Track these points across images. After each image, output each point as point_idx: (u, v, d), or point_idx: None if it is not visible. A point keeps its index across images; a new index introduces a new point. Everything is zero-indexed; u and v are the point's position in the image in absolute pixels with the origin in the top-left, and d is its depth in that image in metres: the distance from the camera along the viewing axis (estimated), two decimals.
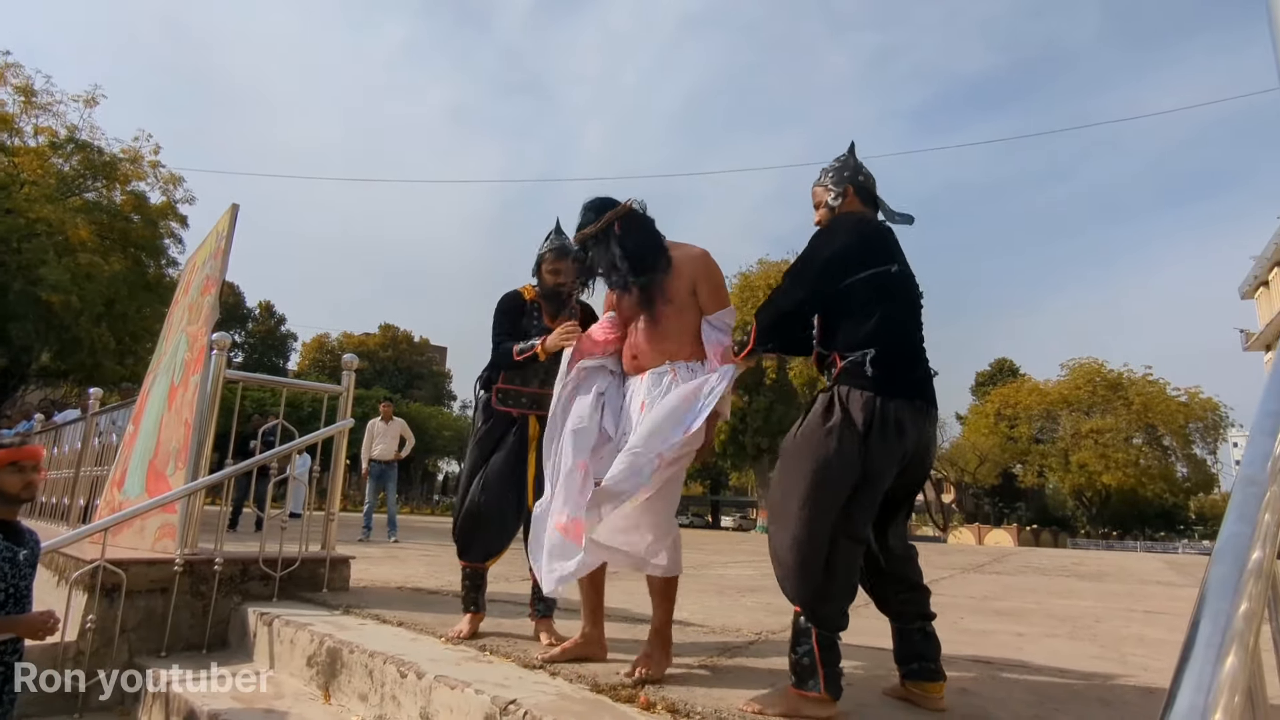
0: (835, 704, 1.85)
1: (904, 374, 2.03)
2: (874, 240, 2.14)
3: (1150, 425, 44.99)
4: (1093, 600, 5.83)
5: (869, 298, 2.05)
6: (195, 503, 3.59)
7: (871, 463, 1.93)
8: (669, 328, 2.49)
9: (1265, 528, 0.93)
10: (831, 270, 2.08)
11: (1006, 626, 3.83)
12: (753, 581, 5.79)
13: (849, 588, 1.95)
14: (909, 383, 2.03)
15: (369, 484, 9.50)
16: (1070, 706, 2.09)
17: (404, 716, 2.24)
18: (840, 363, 2.04)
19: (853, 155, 2.36)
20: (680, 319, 2.49)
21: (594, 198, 2.60)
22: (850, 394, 1.99)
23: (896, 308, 2.08)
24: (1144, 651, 3.24)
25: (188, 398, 3.81)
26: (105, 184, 22.83)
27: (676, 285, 2.49)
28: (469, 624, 2.84)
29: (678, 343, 2.48)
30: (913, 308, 2.16)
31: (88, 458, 6.06)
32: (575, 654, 2.44)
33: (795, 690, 1.86)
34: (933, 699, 1.99)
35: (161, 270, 23.83)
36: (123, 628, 3.20)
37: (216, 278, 4.00)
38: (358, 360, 4.40)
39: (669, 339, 2.48)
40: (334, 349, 56.47)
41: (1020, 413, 49.40)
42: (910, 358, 2.08)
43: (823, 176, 2.33)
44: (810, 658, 1.86)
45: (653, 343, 2.49)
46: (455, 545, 3.00)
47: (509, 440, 3.02)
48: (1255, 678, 0.86)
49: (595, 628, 2.52)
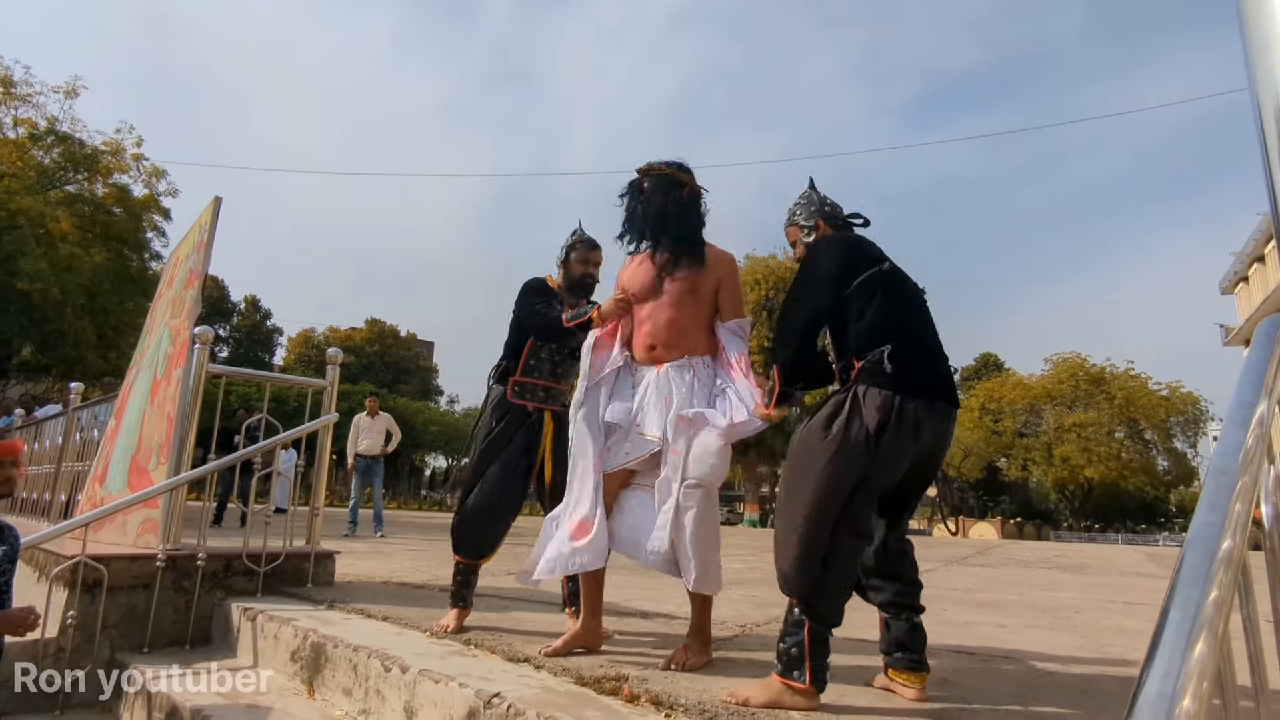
0: (819, 696, 1.86)
1: (924, 371, 2.03)
2: (856, 248, 2.17)
3: (1132, 419, 45.45)
4: (1074, 592, 5.90)
5: (869, 299, 2.07)
6: (178, 498, 3.56)
7: (880, 462, 1.93)
8: (688, 322, 2.52)
9: (1236, 517, 0.94)
10: (826, 284, 2.10)
11: (989, 618, 3.87)
12: (739, 575, 5.81)
13: (847, 584, 1.96)
14: (929, 381, 2.03)
15: (355, 479, 9.46)
16: (1050, 696, 2.12)
17: (388, 711, 2.24)
18: (858, 364, 2.05)
19: (814, 190, 2.40)
20: (700, 314, 2.55)
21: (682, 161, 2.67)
22: (868, 392, 1.99)
23: (899, 305, 2.09)
24: (1123, 642, 3.28)
25: (170, 392, 3.78)
26: (87, 176, 22.59)
27: (705, 281, 2.55)
28: (455, 619, 2.84)
29: (696, 338, 2.53)
30: (915, 304, 2.17)
31: (69, 453, 6.00)
32: (575, 645, 2.46)
33: (780, 679, 1.87)
34: (913, 689, 2.00)
35: (144, 263, 23.61)
36: (104, 624, 3.17)
37: (199, 271, 3.97)
38: (342, 354, 4.38)
39: (689, 334, 2.52)
40: (320, 343, 56.10)
41: (1004, 407, 49.77)
42: (928, 353, 2.09)
43: (792, 217, 2.38)
44: (800, 649, 1.87)
45: (672, 334, 2.52)
46: (451, 539, 2.99)
47: (518, 438, 2.98)
48: (1225, 665, 0.87)
49: (595, 619, 2.55)
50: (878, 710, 1.90)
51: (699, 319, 2.54)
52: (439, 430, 45.04)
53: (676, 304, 2.52)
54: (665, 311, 2.53)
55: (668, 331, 2.51)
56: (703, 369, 2.49)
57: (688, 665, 2.22)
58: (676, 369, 2.47)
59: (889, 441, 1.93)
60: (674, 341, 2.51)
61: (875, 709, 1.91)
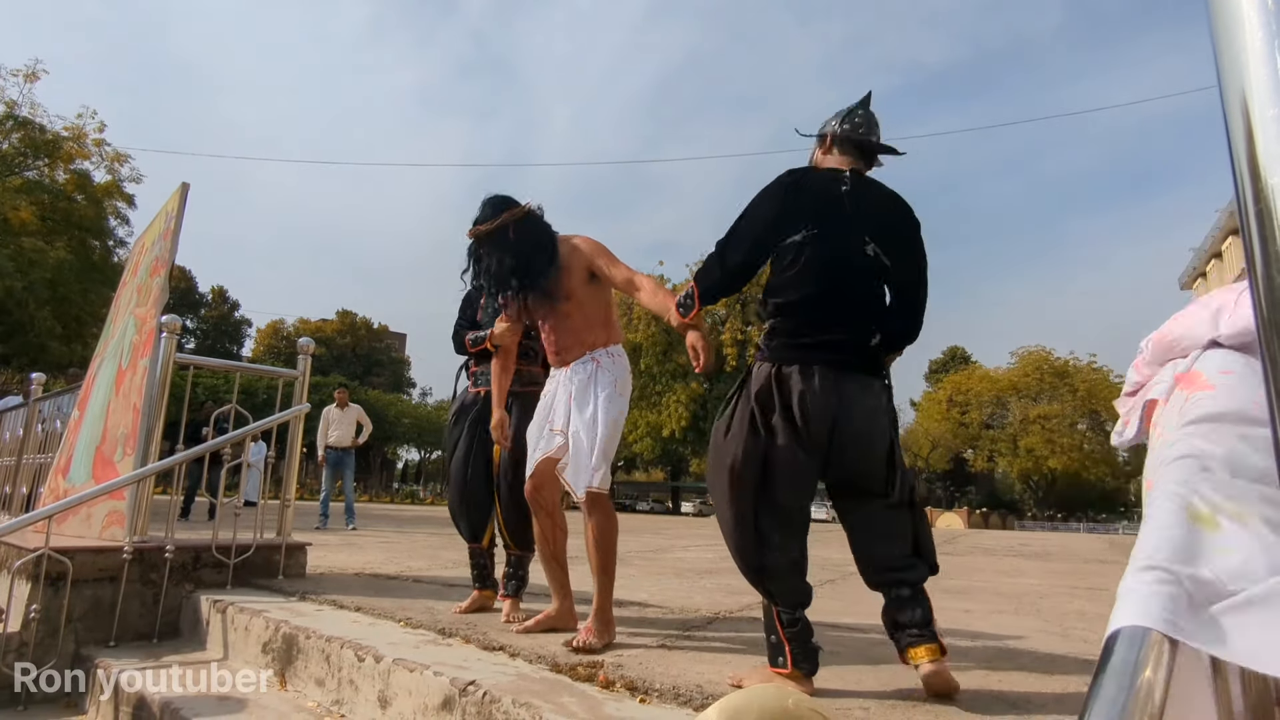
0: (808, 679, 1.86)
1: (807, 337, 1.93)
2: (795, 200, 2.00)
3: (1094, 411, 46.47)
4: (1038, 578, 6.04)
5: (789, 263, 1.97)
6: (145, 489, 3.51)
7: (775, 439, 1.89)
8: (576, 322, 2.61)
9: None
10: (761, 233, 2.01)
11: (955, 604, 3.95)
12: (711, 564, 5.87)
13: (791, 562, 1.91)
14: (811, 344, 1.93)
15: (325, 471, 9.37)
16: (1015, 676, 2.17)
17: (362, 700, 2.24)
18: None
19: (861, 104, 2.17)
20: (584, 310, 2.61)
21: (494, 195, 2.67)
22: (754, 369, 1.99)
23: (813, 276, 1.95)
24: (1085, 625, 3.38)
25: (136, 382, 3.71)
26: (48, 163, 21.98)
27: (570, 281, 2.60)
28: (469, 600, 3.03)
29: (592, 332, 2.60)
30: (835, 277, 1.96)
31: (30, 445, 5.86)
32: (547, 626, 2.55)
33: (771, 668, 1.90)
34: (926, 665, 1.80)
35: (108, 251, 23.08)
36: (69, 617, 3.12)
37: (166, 259, 3.90)
38: (314, 344, 4.33)
39: (583, 330, 2.61)
40: (289, 335, 55.30)
41: (971, 399, 50.65)
42: (819, 324, 1.95)
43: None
44: (776, 635, 1.89)
45: (571, 336, 2.62)
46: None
47: (471, 428, 3.15)
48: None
49: (565, 600, 2.64)
50: (855, 693, 1.93)
51: (585, 314, 2.62)
52: (411, 423, 44.72)
53: (558, 312, 2.63)
54: (555, 319, 2.65)
55: (565, 334, 2.63)
56: (607, 358, 2.58)
57: (587, 645, 2.25)
58: (578, 365, 2.58)
59: (777, 416, 1.89)
60: (572, 341, 2.62)
61: (853, 691, 1.94)
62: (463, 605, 3.00)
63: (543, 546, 2.65)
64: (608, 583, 2.45)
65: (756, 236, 2.03)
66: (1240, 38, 0.55)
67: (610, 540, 2.48)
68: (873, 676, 2.08)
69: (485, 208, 2.62)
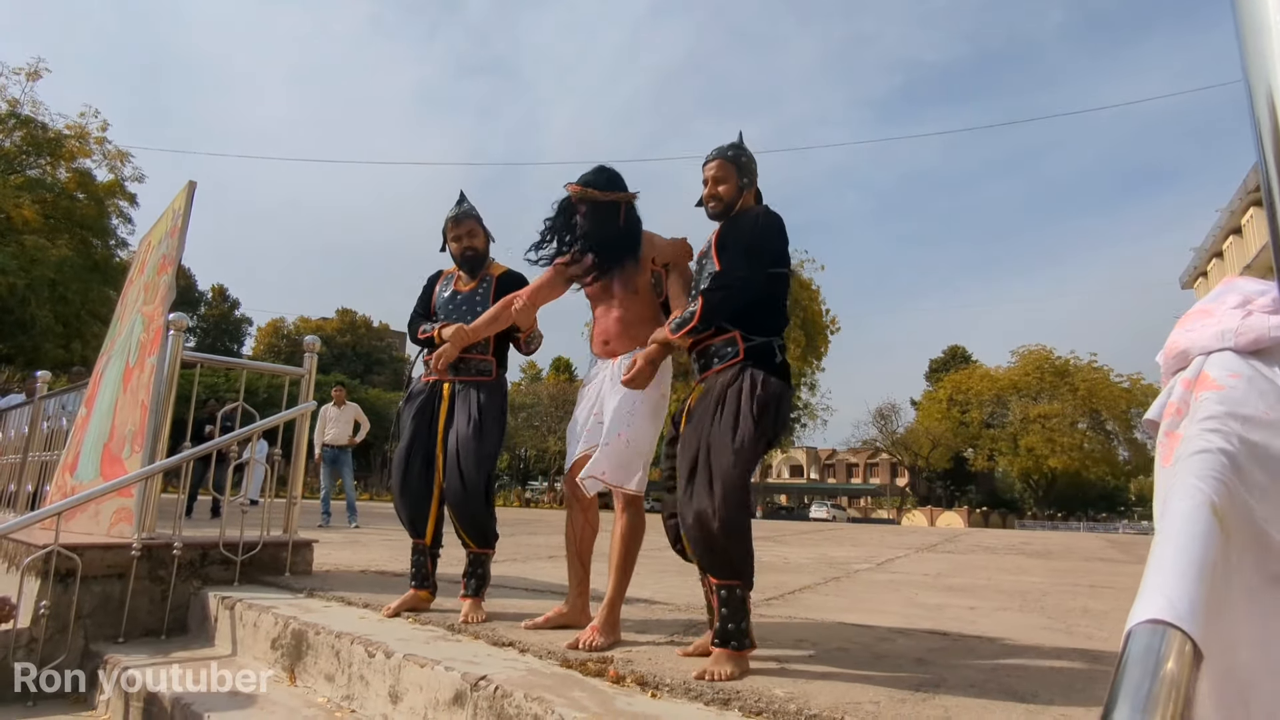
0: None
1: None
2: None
3: (1094, 410, 46.53)
4: (1040, 576, 6.05)
5: (783, 288, 2.30)
6: (153, 486, 3.52)
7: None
8: (630, 315, 2.62)
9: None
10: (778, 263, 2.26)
11: (960, 601, 3.97)
12: None
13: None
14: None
15: (323, 469, 9.38)
16: (1021, 672, 2.19)
17: (372, 695, 2.25)
18: (742, 343, 2.19)
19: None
20: (638, 306, 2.64)
21: (609, 167, 2.66)
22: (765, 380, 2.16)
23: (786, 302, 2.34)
24: (1089, 622, 3.39)
25: (144, 379, 3.72)
26: (50, 161, 21.98)
27: (639, 277, 2.63)
28: (400, 601, 2.90)
29: (643, 328, 2.60)
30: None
31: (36, 443, 5.87)
32: (559, 623, 2.55)
33: (737, 652, 2.00)
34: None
35: (110, 251, 23.08)
36: (78, 614, 3.13)
37: (173, 257, 3.90)
38: (319, 342, 4.33)
39: (634, 324, 2.61)
40: (290, 333, 55.34)
41: (972, 398, 50.65)
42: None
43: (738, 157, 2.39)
44: (746, 620, 2.05)
45: (623, 329, 2.63)
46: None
47: (413, 421, 3.07)
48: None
49: (580, 598, 2.64)
50: (864, 688, 1.95)
51: (643, 312, 2.64)
52: None
53: (620, 303, 2.63)
54: (612, 309, 2.65)
55: (618, 327, 2.64)
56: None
57: (594, 646, 2.23)
58: (627, 360, 2.55)
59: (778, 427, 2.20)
60: (623, 335, 2.62)
61: (862, 686, 1.96)
62: (391, 606, 2.86)
63: (570, 541, 2.64)
64: (623, 581, 2.46)
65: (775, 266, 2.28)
66: (1266, 35, 0.56)
67: (637, 540, 2.51)
68: (881, 672, 2.09)
69: (600, 174, 2.61)
